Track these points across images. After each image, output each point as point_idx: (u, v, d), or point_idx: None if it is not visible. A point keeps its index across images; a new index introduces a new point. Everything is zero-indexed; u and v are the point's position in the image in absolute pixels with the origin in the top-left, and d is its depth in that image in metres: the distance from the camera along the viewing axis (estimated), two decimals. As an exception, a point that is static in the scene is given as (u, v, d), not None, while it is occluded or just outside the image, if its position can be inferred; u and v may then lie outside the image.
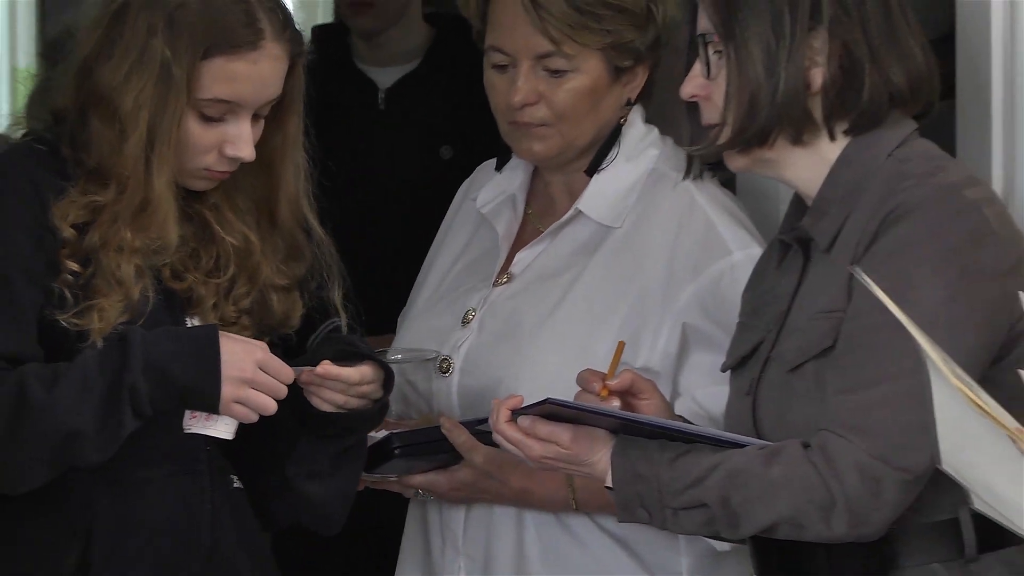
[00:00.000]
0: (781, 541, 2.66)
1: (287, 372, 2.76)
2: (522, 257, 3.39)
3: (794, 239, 2.80)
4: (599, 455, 2.71)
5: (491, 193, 3.48)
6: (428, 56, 5.05)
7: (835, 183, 2.74)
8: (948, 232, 2.62)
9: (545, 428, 2.70)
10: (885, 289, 1.95)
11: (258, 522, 3.06)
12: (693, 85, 2.75)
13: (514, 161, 3.45)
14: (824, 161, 2.76)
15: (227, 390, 2.70)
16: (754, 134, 2.70)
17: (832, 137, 2.74)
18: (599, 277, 3.31)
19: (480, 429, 3.00)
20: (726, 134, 2.71)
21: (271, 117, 2.91)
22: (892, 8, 2.77)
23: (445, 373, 3.34)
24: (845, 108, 2.74)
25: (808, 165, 2.77)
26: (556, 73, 3.24)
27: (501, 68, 3.29)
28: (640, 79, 3.33)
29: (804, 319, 2.72)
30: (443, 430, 3.14)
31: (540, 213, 3.44)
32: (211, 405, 2.74)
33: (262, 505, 3.05)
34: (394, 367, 3.02)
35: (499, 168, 3.48)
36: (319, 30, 5.26)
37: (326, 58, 3.81)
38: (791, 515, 2.58)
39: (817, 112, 2.73)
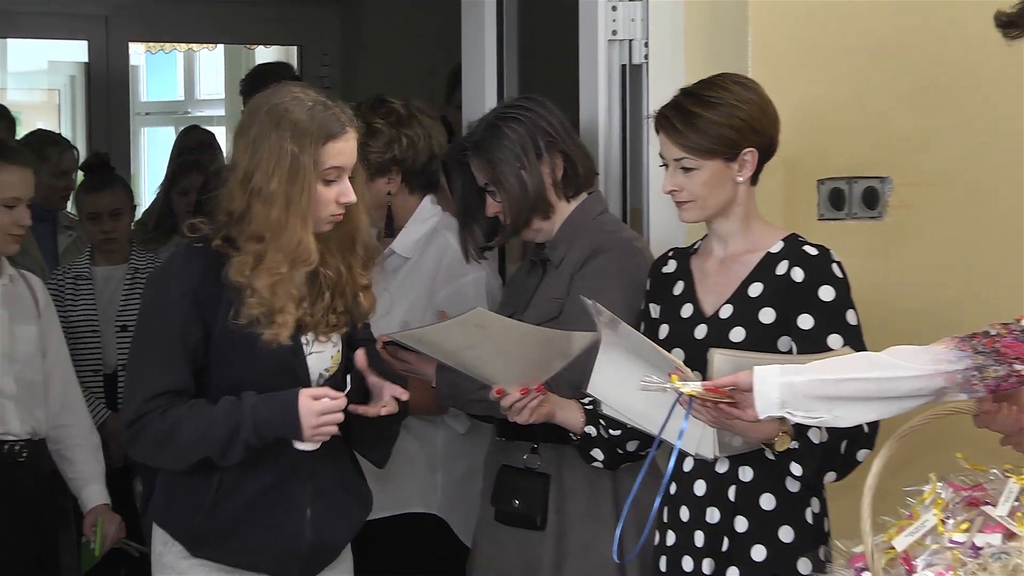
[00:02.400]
0: None
1: (337, 406, 4.06)
2: None
3: (539, 259, 4.73)
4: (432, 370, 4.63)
5: None
6: None
7: (564, 231, 4.67)
8: (624, 263, 4.57)
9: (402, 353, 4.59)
10: (587, 290, 4.27)
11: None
12: (490, 209, 4.68)
13: None
14: (559, 218, 4.68)
15: (305, 432, 4.04)
16: (522, 223, 4.64)
17: (566, 202, 4.67)
18: (402, 283, 5.03)
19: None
20: (509, 227, 4.67)
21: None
22: (567, 124, 4.71)
23: None
24: (568, 186, 4.67)
25: (549, 224, 4.68)
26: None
27: None
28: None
29: (542, 301, 4.63)
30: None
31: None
32: (298, 439, 4.07)
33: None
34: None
35: None
36: None
37: None
38: None
39: (552, 196, 4.65)
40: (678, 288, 4.35)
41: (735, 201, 4.26)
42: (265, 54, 10.70)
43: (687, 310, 4.30)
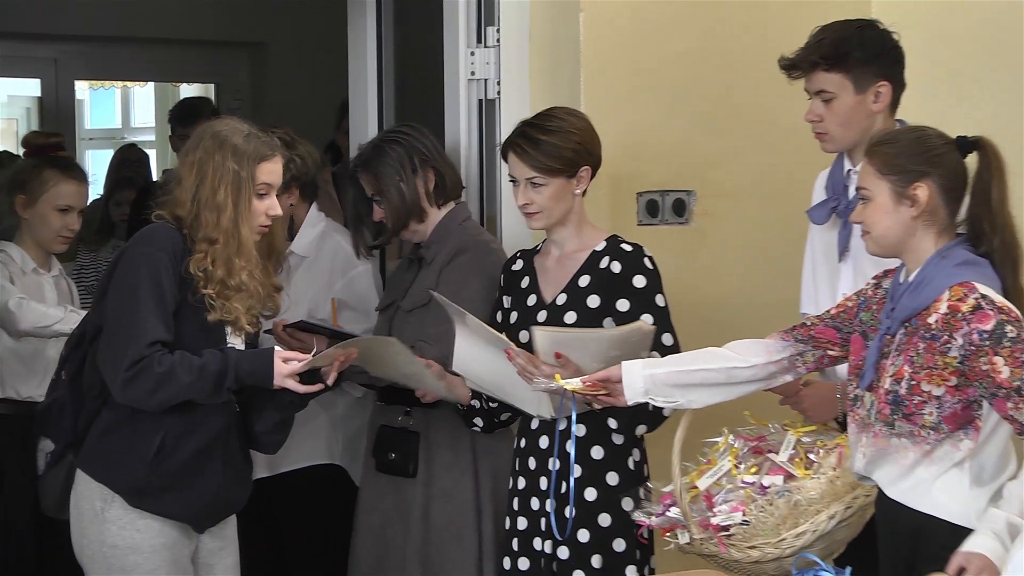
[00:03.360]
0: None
1: (302, 367, 3.96)
2: None
3: (415, 257, 4.69)
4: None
5: None
6: None
7: (435, 233, 4.62)
8: (483, 261, 4.53)
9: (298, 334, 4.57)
10: (453, 282, 4.48)
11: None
12: (376, 215, 4.66)
13: None
14: (432, 222, 4.63)
15: (276, 380, 3.94)
16: (401, 225, 4.60)
17: (437, 208, 4.62)
18: (304, 277, 4.97)
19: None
20: (391, 229, 4.64)
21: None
22: (438, 145, 4.68)
23: None
24: (439, 196, 4.63)
25: (423, 227, 4.62)
26: None
27: None
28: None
29: (416, 292, 4.57)
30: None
31: None
32: (268, 387, 3.98)
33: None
34: None
35: None
36: None
37: None
38: None
39: (425, 204, 4.61)
40: (524, 282, 4.38)
41: (573, 210, 4.28)
42: (188, 90, 10.58)
43: (531, 299, 4.32)
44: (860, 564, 3.71)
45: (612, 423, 4.18)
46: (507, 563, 4.34)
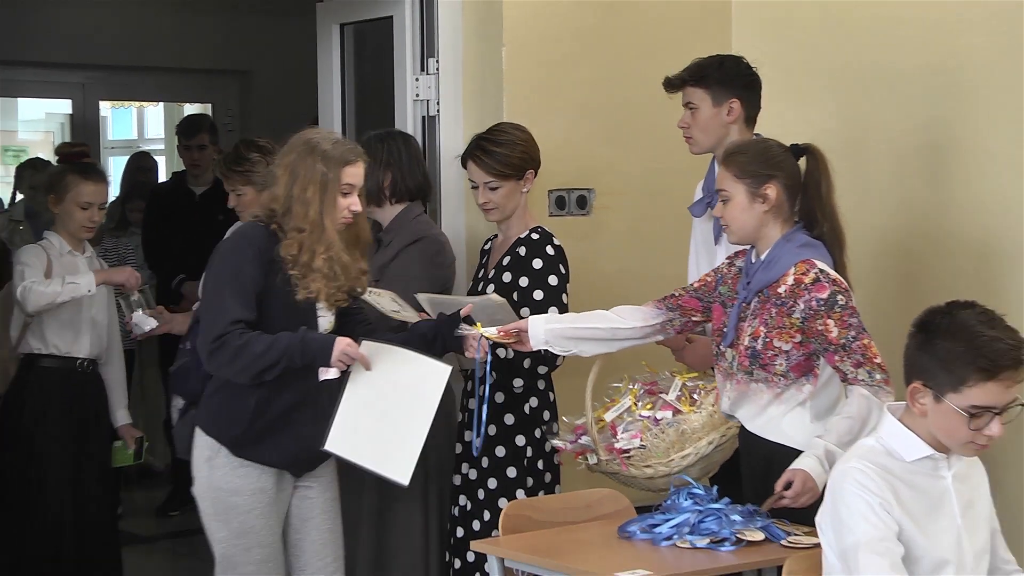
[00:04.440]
0: None
1: (356, 351, 3.72)
2: None
3: (376, 239, 4.26)
4: None
5: None
6: None
7: (392, 223, 4.45)
8: (429, 249, 4.39)
9: None
10: (398, 267, 4.32)
11: None
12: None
13: None
14: (389, 214, 4.45)
15: (333, 360, 3.70)
16: (367, 203, 3.96)
17: (391, 204, 4.45)
18: None
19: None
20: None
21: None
22: (413, 155, 4.51)
23: None
24: (393, 194, 4.45)
25: (381, 213, 4.44)
26: None
27: None
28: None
29: (374, 268, 4.12)
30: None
31: None
32: (327, 366, 3.74)
33: None
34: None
35: None
36: None
37: None
38: None
39: (383, 195, 4.41)
40: (484, 259, 4.41)
41: (519, 206, 4.27)
42: (190, 108, 10.48)
43: (481, 272, 4.39)
44: (728, 481, 3.74)
45: (517, 382, 4.19)
46: (456, 479, 4.33)
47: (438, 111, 4.88)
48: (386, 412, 3.75)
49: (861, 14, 4.78)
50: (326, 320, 3.86)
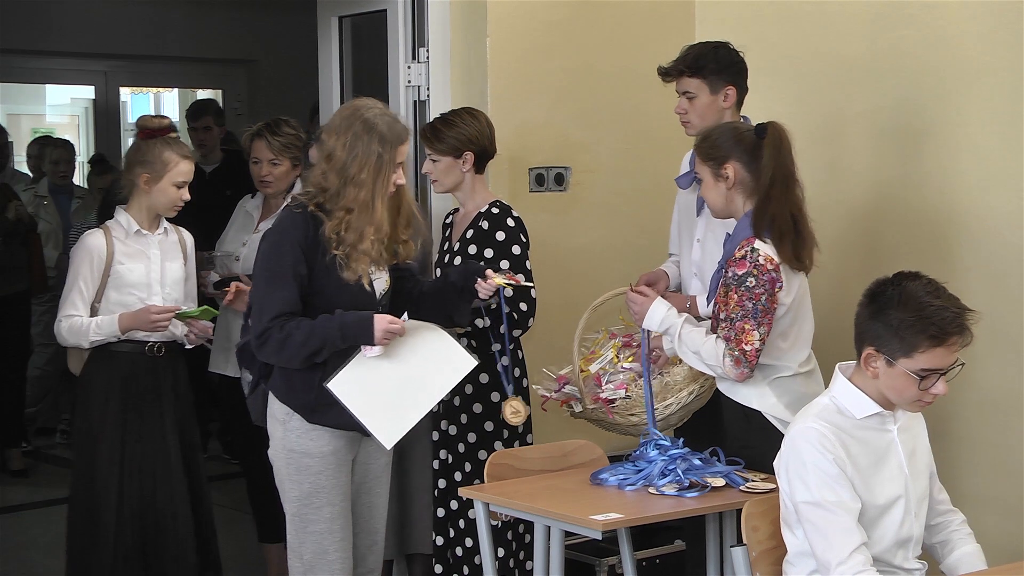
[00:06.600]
0: None
1: (398, 328, 3.56)
2: None
3: None
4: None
5: None
6: None
7: None
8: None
9: None
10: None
11: None
12: None
13: None
14: None
15: (376, 338, 3.53)
16: None
17: None
18: None
19: None
20: None
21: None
22: None
23: None
24: None
25: None
26: None
27: None
28: None
29: None
30: None
31: None
32: (369, 344, 3.56)
33: None
34: None
35: None
36: None
37: None
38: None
39: None
40: (447, 232, 4.35)
41: (463, 182, 4.23)
42: (203, 94, 10.41)
43: (446, 245, 4.34)
44: (691, 433, 3.71)
45: (496, 346, 4.12)
46: (435, 435, 4.29)
47: (428, 96, 4.83)
48: (399, 378, 3.62)
49: (821, 2, 4.73)
50: (382, 281, 3.70)
